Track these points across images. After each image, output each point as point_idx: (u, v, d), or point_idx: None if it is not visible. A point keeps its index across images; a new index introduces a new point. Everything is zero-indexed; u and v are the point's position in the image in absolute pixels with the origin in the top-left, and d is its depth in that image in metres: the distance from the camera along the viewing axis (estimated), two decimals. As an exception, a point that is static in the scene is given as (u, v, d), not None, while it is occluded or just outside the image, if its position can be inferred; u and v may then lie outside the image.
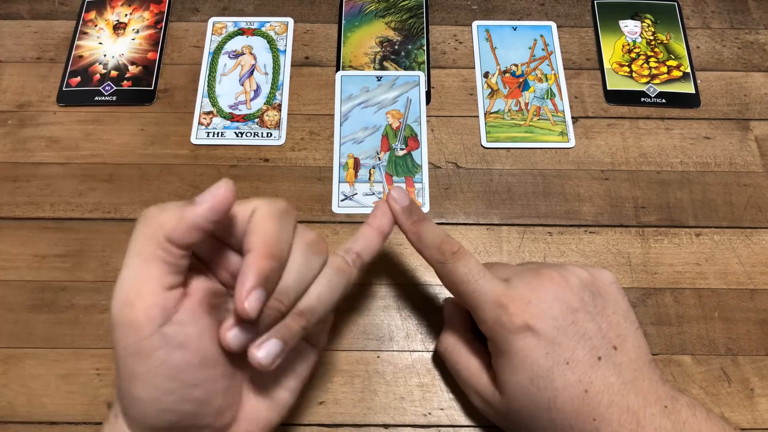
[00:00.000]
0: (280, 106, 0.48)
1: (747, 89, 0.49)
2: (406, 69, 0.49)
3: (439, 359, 0.38)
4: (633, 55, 0.50)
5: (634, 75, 0.49)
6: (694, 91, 0.48)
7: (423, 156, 0.46)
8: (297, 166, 0.45)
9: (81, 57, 0.50)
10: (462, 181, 0.45)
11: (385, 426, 0.37)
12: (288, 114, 0.47)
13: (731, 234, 0.43)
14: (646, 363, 0.31)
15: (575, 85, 0.49)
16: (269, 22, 0.51)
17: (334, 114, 0.47)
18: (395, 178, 0.45)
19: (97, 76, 0.49)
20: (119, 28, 0.51)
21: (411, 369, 0.39)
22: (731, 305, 0.41)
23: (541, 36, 0.51)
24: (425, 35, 0.51)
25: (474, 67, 0.49)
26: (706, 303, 0.41)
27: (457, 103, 0.48)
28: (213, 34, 0.51)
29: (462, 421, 0.37)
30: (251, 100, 0.48)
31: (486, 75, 0.49)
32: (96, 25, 0.51)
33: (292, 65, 0.49)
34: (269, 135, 0.47)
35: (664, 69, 0.49)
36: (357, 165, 0.45)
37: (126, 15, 0.52)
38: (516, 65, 0.49)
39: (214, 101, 0.48)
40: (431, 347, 0.39)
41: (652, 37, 0.51)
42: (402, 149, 0.46)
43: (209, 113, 0.47)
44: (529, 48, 0.50)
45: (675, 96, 0.48)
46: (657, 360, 0.39)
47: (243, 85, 0.49)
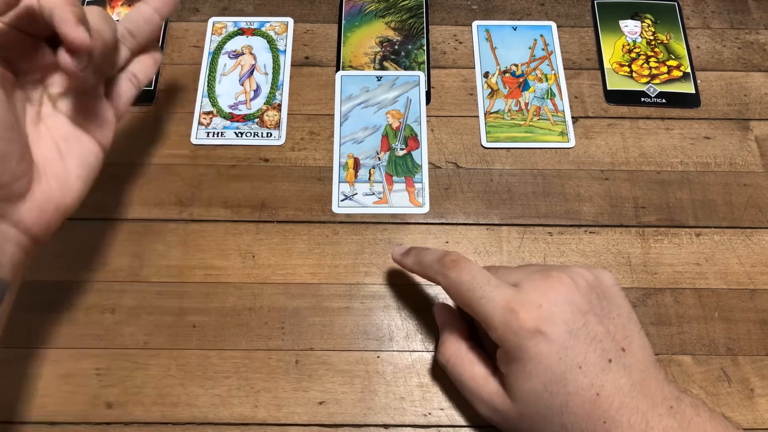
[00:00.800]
0: (280, 106, 0.48)
1: (747, 89, 0.49)
2: (406, 69, 0.49)
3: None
4: (633, 55, 0.50)
5: (634, 75, 0.49)
6: (694, 91, 0.48)
7: (423, 156, 0.46)
8: (297, 166, 0.45)
9: (81, 57, 0.50)
10: (462, 181, 0.45)
11: (385, 426, 0.37)
12: (288, 114, 0.47)
13: (731, 234, 0.43)
14: (651, 363, 0.31)
15: (575, 85, 0.49)
16: (269, 22, 0.51)
17: (334, 114, 0.47)
18: (395, 178, 0.45)
19: (97, 76, 0.49)
20: (119, 28, 0.51)
21: (411, 369, 0.39)
22: (731, 305, 0.41)
23: (541, 36, 0.51)
24: (425, 35, 0.51)
25: (474, 67, 0.49)
26: (706, 303, 0.41)
27: (457, 103, 0.48)
28: (213, 34, 0.51)
29: (462, 421, 0.37)
30: (251, 100, 0.48)
31: (486, 75, 0.49)
32: (96, 25, 0.51)
33: (292, 65, 0.49)
34: (269, 135, 0.47)
35: (664, 69, 0.49)
36: (357, 165, 0.45)
37: (126, 15, 0.52)
38: (516, 65, 0.49)
39: (214, 101, 0.48)
40: (431, 347, 0.39)
41: (652, 37, 0.51)
42: (402, 149, 0.46)
43: (209, 113, 0.47)
44: (529, 48, 0.50)
45: (675, 96, 0.48)
46: (658, 361, 0.39)
47: (243, 85, 0.49)
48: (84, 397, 0.38)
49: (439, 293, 0.41)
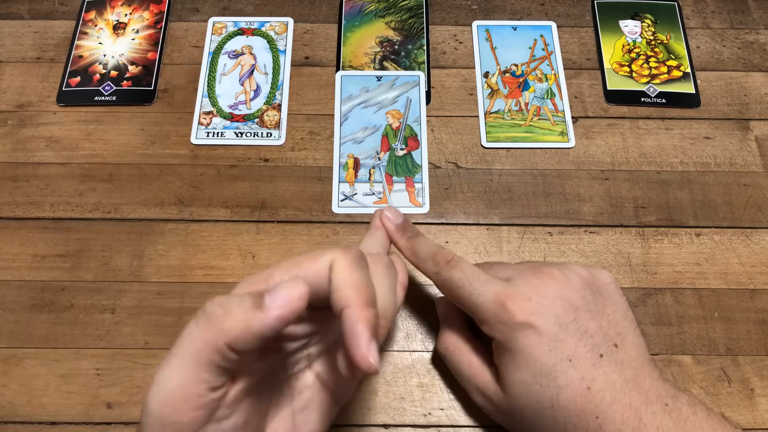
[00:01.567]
0: (280, 106, 0.48)
1: (747, 89, 0.49)
2: (406, 69, 0.49)
3: (439, 359, 0.38)
4: (633, 55, 0.50)
5: (634, 75, 0.49)
6: (694, 91, 0.48)
7: (423, 156, 0.46)
8: (297, 166, 0.45)
9: (81, 57, 0.50)
10: (462, 181, 0.45)
11: (385, 426, 0.37)
12: (288, 114, 0.47)
13: (731, 234, 0.43)
14: (645, 361, 0.31)
15: (575, 85, 0.49)
16: (269, 22, 0.51)
17: (334, 114, 0.47)
18: (395, 178, 0.45)
19: (97, 76, 0.49)
20: (119, 28, 0.51)
21: (411, 369, 0.39)
22: (731, 305, 0.41)
23: (541, 36, 0.51)
24: (425, 35, 0.51)
25: (474, 67, 0.49)
26: (706, 303, 0.41)
27: (457, 103, 0.48)
28: (213, 34, 0.51)
29: (462, 421, 0.37)
30: (251, 100, 0.48)
31: (486, 75, 0.49)
32: (96, 25, 0.51)
33: (292, 65, 0.49)
34: (269, 135, 0.47)
35: (664, 69, 0.49)
36: (357, 165, 0.45)
37: (126, 15, 0.52)
38: (516, 65, 0.49)
39: (214, 101, 0.48)
40: (431, 347, 0.39)
41: (652, 37, 0.51)
42: (402, 149, 0.46)
43: (209, 113, 0.47)
44: (529, 48, 0.50)
45: (675, 96, 0.48)
46: (657, 360, 0.39)
47: (243, 85, 0.49)
48: (84, 397, 0.38)
49: (439, 293, 0.41)
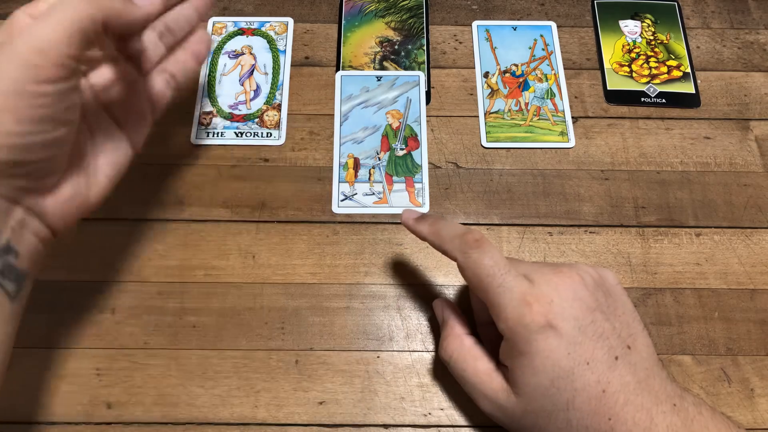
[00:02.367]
0: (280, 106, 0.48)
1: (747, 89, 0.49)
2: (406, 69, 0.49)
3: (440, 359, 0.38)
4: (633, 55, 0.50)
5: (634, 75, 0.49)
6: (694, 91, 0.48)
7: (423, 156, 0.46)
8: (297, 166, 0.45)
9: (81, 57, 0.50)
10: (462, 181, 0.45)
11: (385, 426, 0.37)
12: (288, 114, 0.47)
13: (731, 234, 0.43)
14: (655, 362, 0.31)
15: (575, 85, 0.49)
16: (269, 22, 0.51)
17: (334, 114, 0.47)
18: (395, 178, 0.45)
19: (97, 76, 0.49)
20: (119, 28, 0.51)
21: (411, 369, 0.39)
22: (731, 305, 0.41)
23: (541, 36, 0.51)
24: (425, 35, 0.51)
25: (474, 67, 0.49)
26: (706, 303, 0.41)
27: (457, 103, 0.48)
28: (213, 34, 0.51)
29: (462, 421, 0.37)
30: (251, 100, 0.48)
31: (486, 75, 0.49)
32: (96, 25, 0.51)
33: (292, 65, 0.49)
34: (269, 135, 0.47)
35: (664, 69, 0.49)
36: (357, 165, 0.45)
37: (126, 15, 0.52)
38: (516, 65, 0.49)
39: (214, 101, 0.48)
40: (431, 347, 0.39)
41: (652, 37, 0.51)
42: (402, 149, 0.46)
43: (209, 113, 0.47)
44: (529, 48, 0.50)
45: (675, 96, 0.48)
46: (660, 360, 0.39)
47: (243, 85, 0.49)
48: (84, 397, 0.38)
49: (441, 292, 0.41)
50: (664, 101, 0.48)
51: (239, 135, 0.47)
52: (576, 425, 0.30)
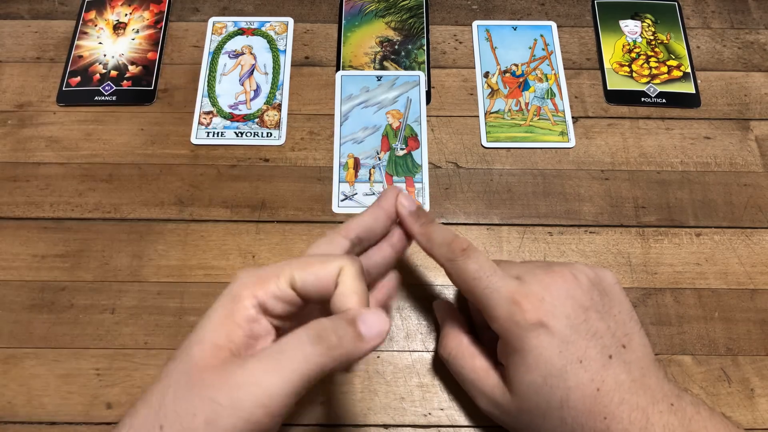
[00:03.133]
0: (280, 106, 0.48)
1: (747, 89, 0.49)
2: (406, 69, 0.49)
3: (439, 360, 0.38)
4: (633, 55, 0.50)
5: (634, 75, 0.49)
6: (694, 91, 0.48)
7: (423, 156, 0.46)
8: (297, 166, 0.45)
9: (81, 57, 0.50)
10: (462, 181, 0.45)
11: (385, 426, 0.37)
12: (288, 114, 0.47)
13: (731, 234, 0.43)
14: (651, 361, 0.31)
15: (575, 85, 0.49)
16: (269, 22, 0.51)
17: (334, 114, 0.47)
18: (395, 178, 0.45)
19: (97, 76, 0.49)
20: (119, 28, 0.51)
21: (411, 369, 0.39)
22: (731, 305, 0.41)
23: (541, 36, 0.51)
24: (425, 35, 0.51)
25: (474, 67, 0.49)
26: (706, 303, 0.41)
27: (457, 103, 0.48)
28: (213, 33, 0.51)
29: (462, 421, 0.37)
30: (251, 100, 0.48)
31: (486, 75, 0.49)
32: (96, 25, 0.51)
33: (292, 65, 0.49)
34: (269, 135, 0.47)
35: (664, 69, 0.49)
36: (357, 165, 0.45)
37: (126, 15, 0.52)
38: (516, 65, 0.49)
39: (214, 101, 0.48)
40: (431, 347, 0.39)
41: (652, 37, 0.51)
42: (402, 149, 0.46)
43: (209, 113, 0.47)
44: (530, 48, 0.50)
45: (675, 96, 0.48)
46: (658, 360, 0.39)
47: (243, 85, 0.49)
48: (84, 397, 0.38)
49: (441, 292, 0.41)
50: (664, 101, 0.48)
51: (239, 135, 0.47)
52: (571, 423, 0.30)
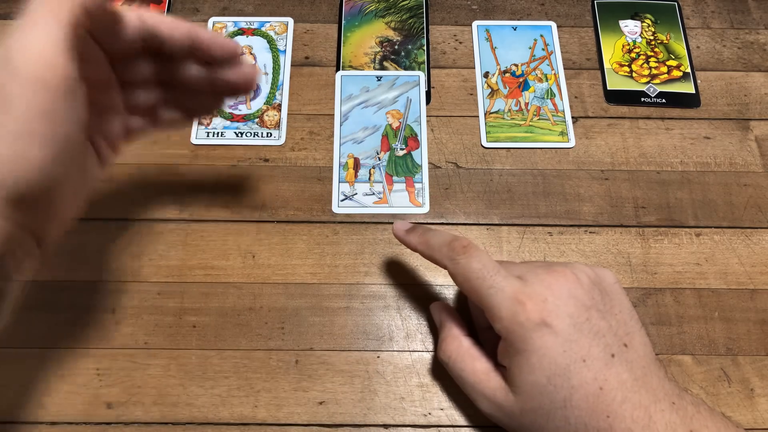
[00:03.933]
0: (280, 106, 0.48)
1: (747, 89, 0.49)
2: (406, 69, 0.49)
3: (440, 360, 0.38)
4: (633, 55, 0.50)
5: (634, 75, 0.49)
6: (694, 91, 0.48)
7: (423, 156, 0.46)
8: (297, 166, 0.45)
9: (81, 57, 0.50)
10: (462, 181, 0.45)
11: (385, 426, 0.37)
12: (288, 114, 0.47)
13: (731, 234, 0.43)
14: (652, 360, 0.31)
15: (575, 85, 0.49)
16: (269, 22, 0.51)
17: (334, 114, 0.47)
18: (395, 178, 0.45)
19: (97, 76, 0.49)
20: (119, 28, 0.51)
21: (411, 369, 0.39)
22: (731, 305, 0.41)
23: (541, 36, 0.51)
24: (425, 35, 0.51)
25: (474, 67, 0.49)
26: (706, 303, 0.41)
27: (457, 103, 0.48)
28: (213, 34, 0.51)
29: (462, 421, 0.37)
30: (251, 100, 0.48)
31: (486, 75, 0.49)
32: (96, 25, 0.51)
33: (292, 65, 0.49)
34: (269, 135, 0.47)
35: (664, 69, 0.49)
36: (357, 165, 0.45)
37: (126, 15, 0.52)
38: (516, 65, 0.49)
39: (214, 101, 0.48)
40: (431, 347, 0.39)
41: (652, 37, 0.51)
42: (402, 149, 0.46)
43: (209, 113, 0.47)
44: (529, 48, 0.50)
45: (675, 96, 0.48)
46: (658, 359, 0.39)
47: (243, 85, 0.49)
48: (84, 397, 0.38)
49: (441, 292, 0.41)
50: (664, 101, 0.48)
51: (239, 135, 0.47)
52: (574, 423, 0.30)
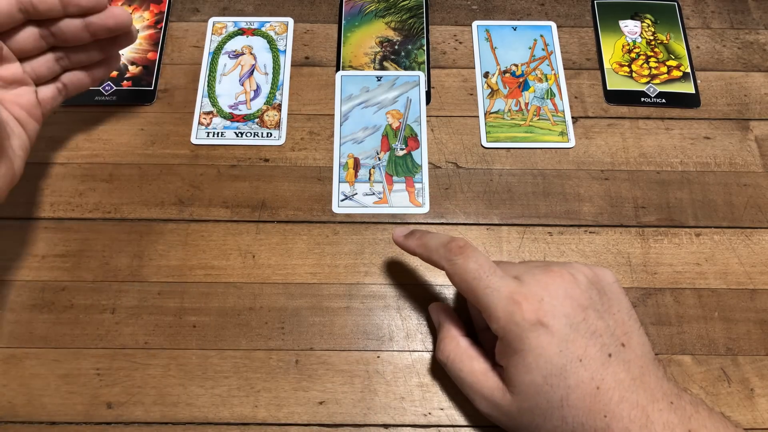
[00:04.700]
0: (280, 106, 0.48)
1: (747, 89, 0.49)
2: (406, 69, 0.49)
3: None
4: (633, 55, 0.50)
5: (634, 75, 0.49)
6: (694, 91, 0.48)
7: (423, 156, 0.46)
8: (297, 166, 0.45)
9: (81, 57, 0.50)
10: (462, 181, 0.45)
11: (385, 426, 0.37)
12: (288, 114, 0.47)
13: (731, 234, 0.43)
14: (650, 360, 0.31)
15: (575, 85, 0.49)
16: (269, 22, 0.51)
17: (334, 114, 0.47)
18: (395, 178, 0.45)
19: (97, 76, 0.49)
20: (119, 28, 0.51)
21: (411, 369, 0.39)
22: (731, 305, 0.41)
23: (541, 36, 0.51)
24: (425, 35, 0.51)
25: (474, 67, 0.49)
26: (706, 303, 0.41)
27: (457, 103, 0.48)
28: (213, 34, 0.51)
29: (462, 421, 0.37)
30: (251, 100, 0.48)
31: (486, 75, 0.49)
32: (96, 25, 0.51)
33: (292, 65, 0.49)
34: (269, 135, 0.47)
35: (664, 69, 0.49)
36: (357, 165, 0.45)
37: (126, 15, 0.52)
38: (516, 65, 0.49)
39: (214, 101, 0.48)
40: (431, 347, 0.39)
41: (652, 37, 0.51)
42: (402, 149, 0.46)
43: (209, 113, 0.47)
44: (529, 48, 0.50)
45: (675, 96, 0.48)
46: (657, 359, 0.39)
47: (243, 85, 0.49)
48: (84, 397, 0.38)
49: (441, 292, 0.41)
50: (664, 101, 0.48)
51: (239, 135, 0.47)
52: (572, 422, 0.30)
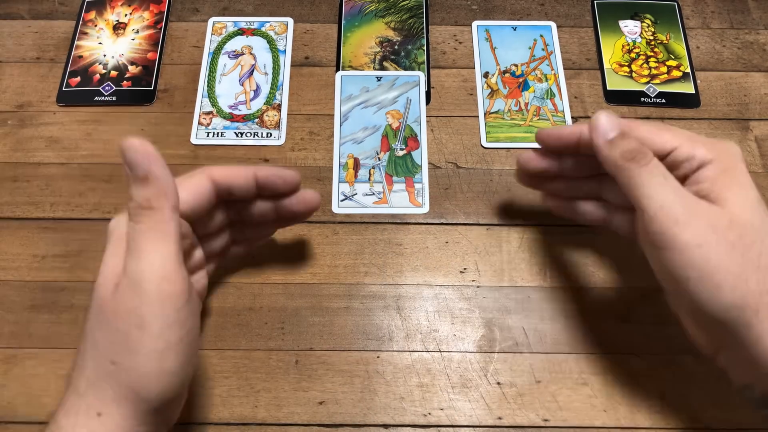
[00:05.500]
0: (280, 106, 0.48)
1: (747, 89, 0.49)
2: (406, 69, 0.49)
3: (439, 359, 0.38)
4: (633, 55, 0.50)
5: (633, 75, 0.49)
6: (694, 91, 0.48)
7: (423, 156, 0.46)
8: (297, 166, 0.45)
9: (81, 57, 0.50)
10: (462, 181, 0.45)
11: (385, 426, 0.37)
12: (288, 114, 0.47)
13: (731, 234, 0.43)
14: None
15: (575, 85, 0.49)
16: (269, 22, 0.51)
17: (334, 114, 0.47)
18: (395, 178, 0.45)
19: (97, 76, 0.49)
20: (119, 28, 0.51)
21: (411, 369, 0.39)
22: (731, 305, 0.41)
23: (541, 36, 0.51)
24: (425, 35, 0.51)
25: (474, 67, 0.49)
26: (706, 303, 0.41)
27: (457, 103, 0.48)
28: (213, 34, 0.51)
29: (462, 421, 0.37)
30: (251, 100, 0.48)
31: (486, 75, 0.49)
32: (96, 25, 0.51)
33: (292, 65, 0.49)
34: (269, 135, 0.47)
35: (663, 69, 0.49)
36: (357, 165, 0.45)
37: (126, 15, 0.52)
38: (516, 65, 0.49)
39: (213, 101, 0.48)
40: (431, 347, 0.39)
41: (652, 37, 0.51)
42: (402, 149, 0.46)
43: (209, 113, 0.47)
44: (529, 48, 0.50)
45: (675, 96, 0.48)
46: (657, 360, 0.39)
47: (243, 85, 0.49)
48: (84, 397, 0.38)
49: (441, 292, 0.41)
50: (663, 101, 0.48)
51: (239, 135, 0.47)
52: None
